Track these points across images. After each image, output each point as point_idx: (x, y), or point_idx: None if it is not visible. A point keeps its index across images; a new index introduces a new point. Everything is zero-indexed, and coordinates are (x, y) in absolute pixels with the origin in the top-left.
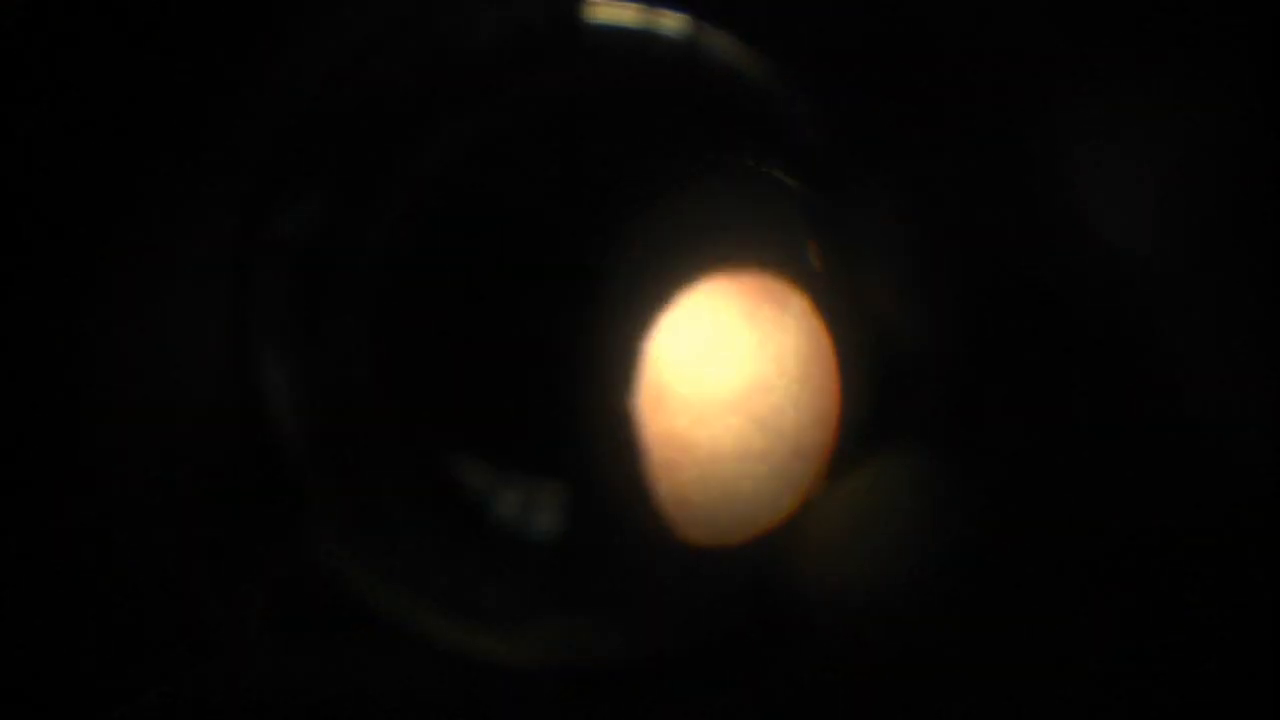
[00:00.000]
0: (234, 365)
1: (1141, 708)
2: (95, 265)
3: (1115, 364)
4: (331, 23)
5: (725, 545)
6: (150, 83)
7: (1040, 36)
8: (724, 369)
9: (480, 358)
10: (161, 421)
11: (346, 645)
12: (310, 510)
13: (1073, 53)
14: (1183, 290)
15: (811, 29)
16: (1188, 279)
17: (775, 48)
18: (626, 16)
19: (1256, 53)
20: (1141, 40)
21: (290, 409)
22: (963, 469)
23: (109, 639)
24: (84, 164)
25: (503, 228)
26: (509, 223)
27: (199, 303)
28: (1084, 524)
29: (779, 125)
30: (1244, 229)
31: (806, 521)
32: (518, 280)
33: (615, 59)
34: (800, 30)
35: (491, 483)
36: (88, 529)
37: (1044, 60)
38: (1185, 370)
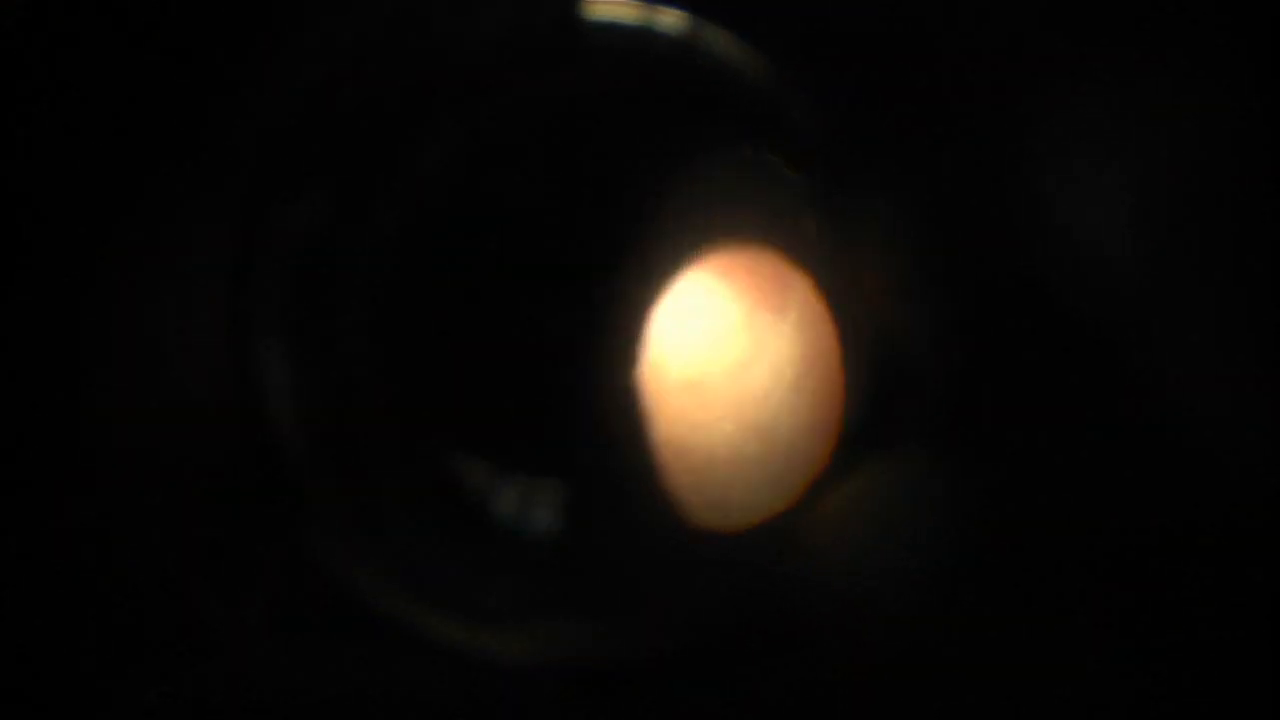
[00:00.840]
0: (234, 365)
1: (1141, 708)
2: (95, 265)
3: (1114, 364)
4: (331, 22)
5: (725, 532)
6: (149, 82)
7: (1037, 35)
8: (721, 369)
9: (480, 357)
10: (161, 422)
11: (346, 645)
12: (310, 510)
13: (1071, 52)
14: (1182, 289)
15: (809, 27)
16: (1187, 277)
17: (773, 45)
18: (626, 14)
19: (1255, 53)
20: (1139, 39)
21: (290, 409)
22: (962, 469)
23: (109, 639)
24: (83, 164)
25: (502, 228)
26: (509, 223)
27: (199, 303)
28: (1083, 524)
29: (776, 121)
30: (1243, 228)
31: (805, 523)
32: (518, 280)
33: (615, 57)
34: (798, 28)
35: (492, 482)
36: (88, 529)
37: (1042, 59)
38: (1184, 370)
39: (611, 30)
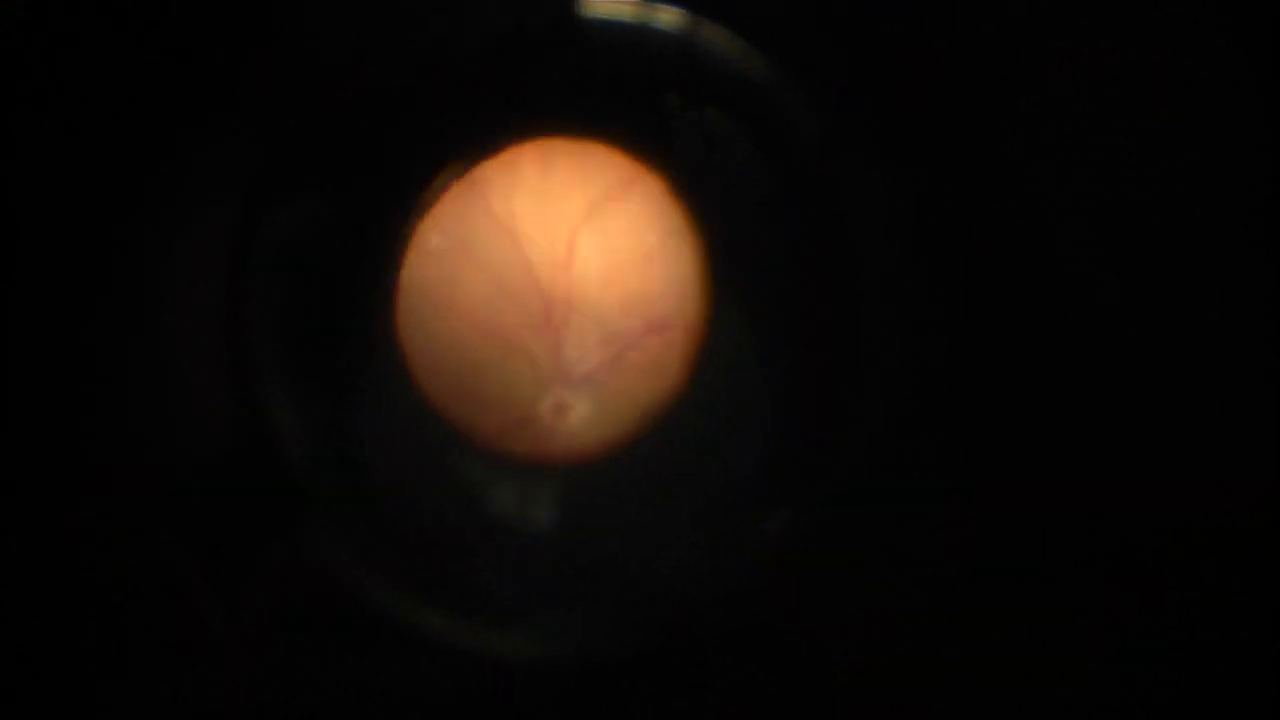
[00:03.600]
0: (234, 366)
1: (1141, 708)
2: (94, 266)
3: (1114, 364)
4: (331, 23)
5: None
6: (149, 83)
7: (1035, 35)
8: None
9: (478, 353)
10: (162, 422)
11: (346, 645)
12: (310, 510)
13: (1068, 51)
14: (1183, 289)
15: (807, 26)
16: (1187, 277)
17: (771, 43)
18: (623, 11)
19: (1251, 55)
20: (1136, 39)
21: (290, 409)
22: (960, 471)
23: (109, 639)
24: (84, 165)
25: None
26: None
27: (199, 304)
28: (1082, 524)
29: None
30: (1240, 226)
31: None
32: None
33: (613, 54)
34: (796, 26)
35: (490, 480)
36: (88, 529)
37: (1039, 58)
38: (1184, 369)
39: (610, 28)
